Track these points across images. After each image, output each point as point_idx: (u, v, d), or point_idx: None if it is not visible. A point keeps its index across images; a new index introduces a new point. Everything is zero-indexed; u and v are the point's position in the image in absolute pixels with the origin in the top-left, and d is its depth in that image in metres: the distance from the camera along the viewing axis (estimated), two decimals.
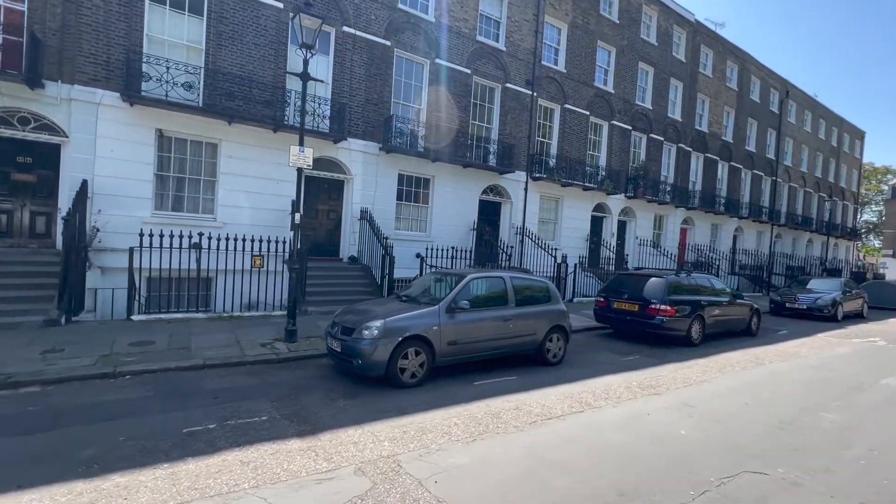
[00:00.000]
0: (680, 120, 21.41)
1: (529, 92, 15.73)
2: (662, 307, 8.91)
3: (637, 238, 19.83)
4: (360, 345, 5.47)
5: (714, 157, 23.47)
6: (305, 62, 7.48)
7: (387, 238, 11.14)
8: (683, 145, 21.70)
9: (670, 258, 19.34)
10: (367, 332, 5.49)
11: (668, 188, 20.67)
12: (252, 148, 10.70)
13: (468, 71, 14.19)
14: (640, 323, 9.18)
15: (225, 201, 10.53)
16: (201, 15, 10.11)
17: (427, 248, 12.49)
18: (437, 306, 5.96)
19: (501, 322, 6.48)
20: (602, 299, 9.99)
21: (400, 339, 5.52)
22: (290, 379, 5.80)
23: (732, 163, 24.67)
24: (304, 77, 7.44)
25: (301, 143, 7.39)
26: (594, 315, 10.24)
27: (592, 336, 10.05)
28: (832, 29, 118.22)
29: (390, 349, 5.44)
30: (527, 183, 15.89)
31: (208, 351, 6.50)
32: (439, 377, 6.05)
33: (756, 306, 11.33)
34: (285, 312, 9.70)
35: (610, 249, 17.76)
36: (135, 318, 8.01)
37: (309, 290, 10.27)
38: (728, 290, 10.86)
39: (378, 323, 5.53)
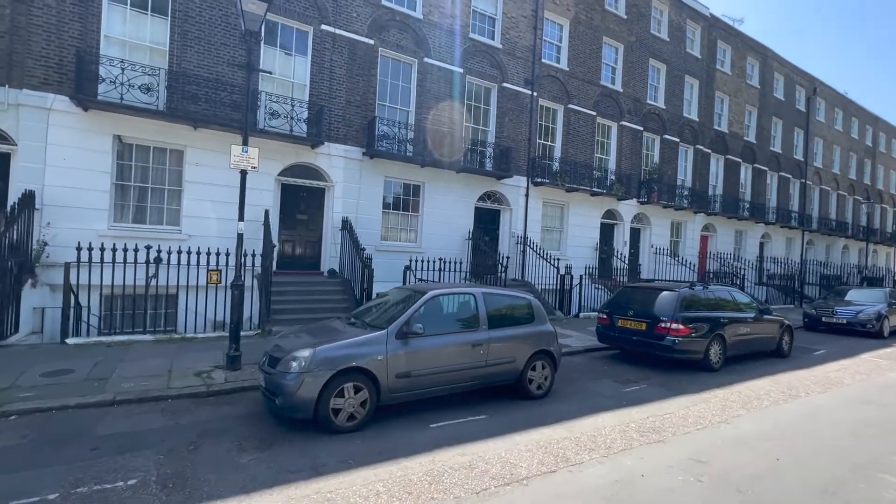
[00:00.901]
0: (697, 120, 20.00)
1: (529, 92, 14.72)
2: (674, 326, 7.63)
3: (652, 246, 18.39)
4: (282, 380, 4.45)
5: (736, 158, 21.88)
6: (249, 51, 6.63)
7: (364, 249, 10.18)
8: (701, 147, 20.23)
9: (690, 268, 17.81)
10: (293, 364, 4.48)
11: (686, 192, 19.21)
12: (221, 154, 9.95)
13: (461, 70, 13.29)
14: (648, 344, 7.90)
15: (191, 212, 9.77)
16: (165, 15, 9.50)
17: (417, 260, 11.49)
18: (384, 331, 4.91)
19: (470, 348, 5.38)
20: (605, 316, 8.75)
21: (334, 372, 4.48)
22: (207, 419, 4.81)
23: (757, 165, 22.99)
24: (249, 68, 6.61)
25: (245, 143, 6.52)
26: (596, 334, 8.99)
27: (595, 359, 8.79)
28: (860, 24, 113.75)
29: (319, 385, 4.41)
30: (527, 189, 14.78)
31: (128, 383, 5.59)
32: (388, 417, 4.98)
33: (787, 322, 9.87)
34: (254, 332, 8.86)
35: (621, 259, 16.41)
36: (70, 341, 7.21)
37: (278, 306, 9.36)
38: (754, 304, 9.46)
39: (306, 353, 4.51)
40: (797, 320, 14.96)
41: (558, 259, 13.71)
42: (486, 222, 14.41)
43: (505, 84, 14.20)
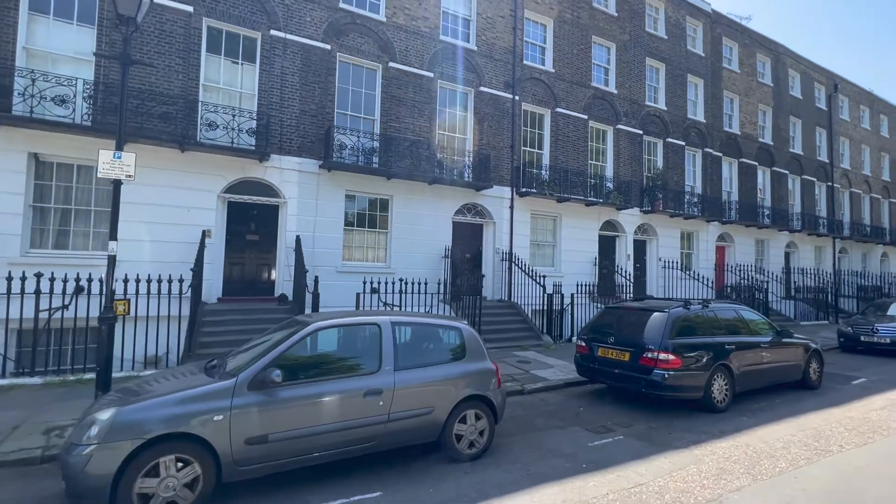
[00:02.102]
0: (704, 121, 18.46)
1: (510, 96, 13.59)
2: (662, 356, 6.10)
3: (660, 260, 16.69)
4: (67, 455, 3.22)
5: (751, 162, 20.11)
6: (126, 40, 5.68)
7: (307, 271, 9.02)
8: (711, 150, 18.61)
9: (705, 283, 16.00)
10: (84, 435, 3.25)
11: (696, 200, 17.54)
12: (155, 171, 9.07)
13: (431, 75, 12.28)
14: (631, 379, 6.37)
15: (120, 235, 8.80)
16: (92, 24, 8.82)
17: (383, 282, 10.27)
18: (232, 380, 3.65)
19: (361, 399, 4.04)
20: (583, 344, 7.26)
21: (142, 441, 3.23)
22: (6, 499, 3.60)
23: (776, 168, 21.12)
24: (124, 59, 5.63)
25: (119, 147, 5.50)
26: (575, 366, 7.48)
27: (572, 396, 7.27)
28: (880, 15, 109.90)
29: (117, 461, 3.15)
30: (512, 200, 13.47)
31: None
32: (240, 497, 3.66)
33: (814, 346, 8.14)
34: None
35: (624, 275, 14.78)
36: None
37: (210, 339, 8.20)
38: (769, 324, 7.81)
39: (105, 416, 3.28)
40: (831, 339, 12.98)
41: (545, 276, 12.23)
42: (467, 238, 13.12)
43: (482, 88, 13.13)
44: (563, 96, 14.66)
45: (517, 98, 13.73)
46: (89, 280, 7.70)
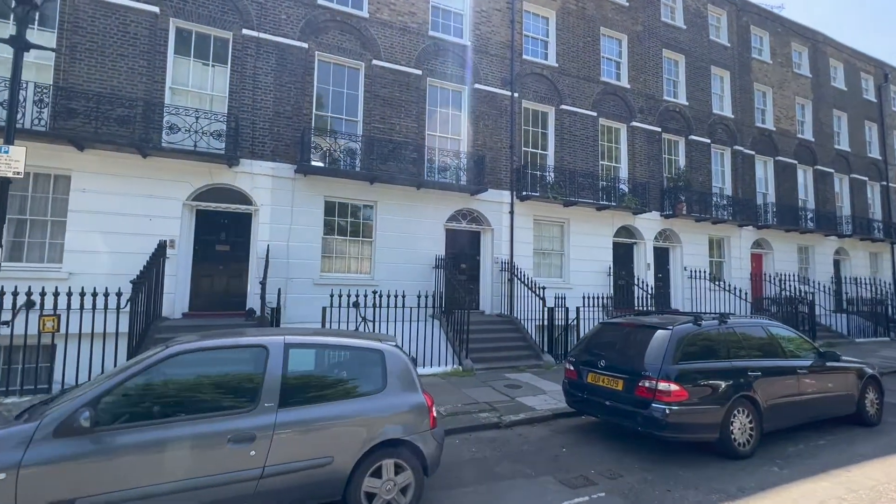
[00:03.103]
0: (731, 117, 16.80)
1: (508, 93, 12.58)
2: (663, 386, 4.81)
3: (685, 269, 15.04)
4: None
5: (789, 160, 18.16)
6: (21, 21, 5.06)
7: (264, 284, 8.19)
8: (741, 147, 16.88)
9: (739, 295, 14.22)
10: None
11: (725, 202, 15.82)
12: (114, 178, 8.57)
13: (418, 72, 11.46)
14: (625, 414, 5.09)
15: (75, 246, 8.32)
16: (52, 28, 8.50)
17: (365, 295, 9.33)
18: (32, 424, 2.75)
19: (224, 447, 3.04)
20: (571, 368, 6.02)
21: None
22: None
23: (818, 167, 19.03)
24: (18, 43, 5.00)
25: (9, 141, 4.84)
26: (563, 393, 6.22)
27: (558, 432, 6.01)
28: None
29: None
30: (512, 204, 12.34)
31: None
32: None
33: (870, 371, 6.54)
34: None
35: (643, 287, 13.26)
36: None
37: None
38: (808, 343, 6.32)
39: None
40: (893, 360, 11.01)
41: (544, 288, 10.95)
42: (462, 247, 12.05)
43: (478, 86, 12.19)
44: (568, 92, 13.52)
45: (516, 95, 12.70)
46: (42, 294, 7.11)
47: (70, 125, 8.08)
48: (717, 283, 14.83)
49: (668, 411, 4.72)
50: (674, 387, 4.77)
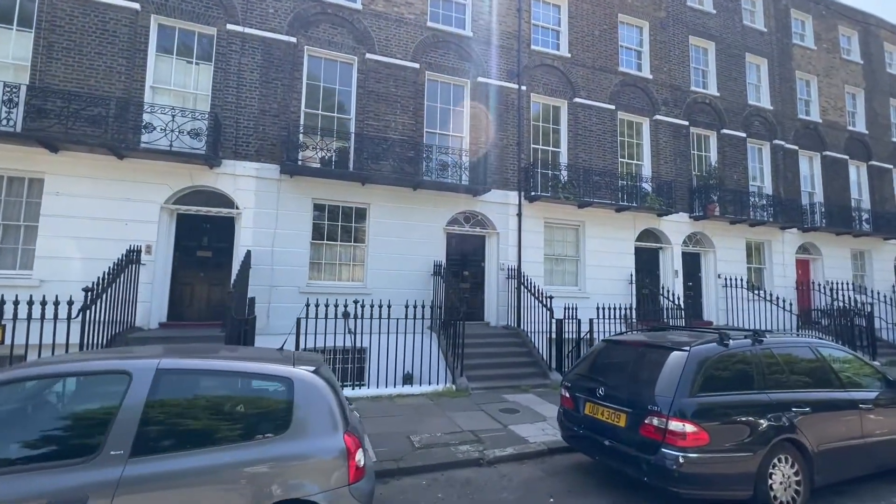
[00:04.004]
0: (770, 108, 15.20)
1: (514, 86, 11.65)
2: (675, 425, 3.71)
3: (720, 276, 13.52)
4: None
5: (839, 155, 16.29)
6: None
7: (232, 291, 7.48)
8: (782, 142, 15.23)
9: (783, 305, 12.59)
10: None
11: (765, 202, 14.21)
12: (88, 181, 8.18)
13: (416, 66, 10.72)
14: (628, 459, 4.00)
15: (47, 252, 7.93)
16: (30, 27, 8.25)
17: (358, 304, 8.52)
18: None
19: None
20: (567, 395, 4.96)
21: None
22: None
23: (874, 162, 17.02)
24: None
25: None
26: (559, 425, 5.16)
27: (553, 471, 4.95)
28: None
29: None
30: (520, 206, 11.33)
31: None
32: None
33: None
34: None
35: (670, 296, 11.89)
36: None
37: None
38: (871, 367, 5.01)
39: None
40: None
41: (552, 297, 9.84)
42: (464, 253, 11.12)
43: (481, 79, 11.32)
44: (582, 84, 12.44)
45: (524, 88, 11.75)
46: (16, 302, 6.66)
47: (42, 126, 7.73)
48: (756, 292, 13.23)
49: (682, 459, 3.62)
50: (690, 427, 3.67)
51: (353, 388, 7.91)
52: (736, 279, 13.34)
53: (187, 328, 8.54)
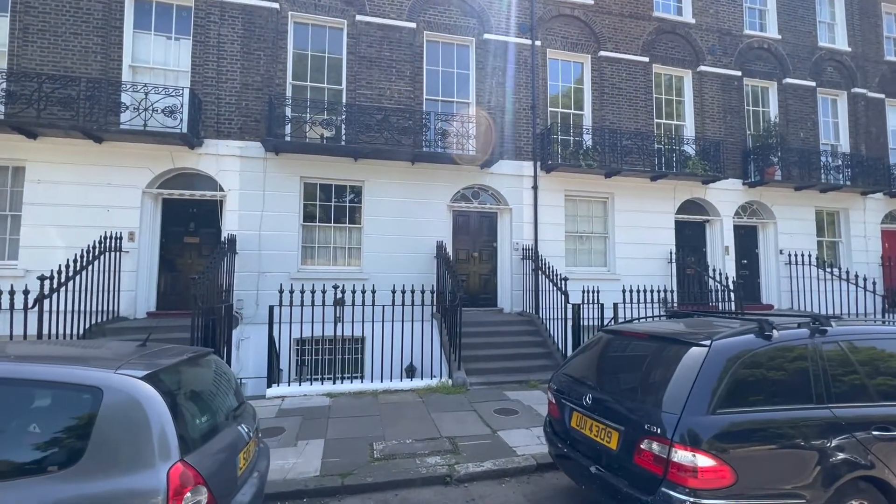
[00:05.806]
0: (847, 50, 12.70)
1: (527, 41, 10.26)
2: (683, 455, 2.52)
3: (781, 252, 11.53)
4: None
5: None
6: None
7: (193, 278, 6.87)
8: (863, 90, 12.71)
9: (864, 286, 10.47)
10: None
11: (840, 163, 11.91)
12: (68, 167, 7.90)
13: (412, 25, 9.63)
14: (618, 497, 2.85)
15: (31, 241, 7.75)
16: (6, 11, 8.01)
17: (355, 290, 7.73)
18: None
19: None
20: (553, 400, 3.85)
21: None
22: None
23: None
24: None
25: None
26: (546, 438, 4.06)
27: (538, 495, 3.89)
28: None
29: None
30: (535, 178, 10.04)
31: None
32: None
33: None
34: None
35: (717, 278, 10.15)
36: None
37: None
38: None
39: None
40: None
41: (566, 280, 8.49)
42: (473, 232, 10.03)
43: (487, 36, 10.04)
44: (609, 35, 10.81)
45: (538, 44, 10.34)
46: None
47: (17, 111, 7.47)
48: (829, 270, 11.12)
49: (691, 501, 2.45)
50: (704, 459, 2.48)
51: (340, 382, 7.15)
52: (803, 255, 11.29)
53: (176, 317, 8.12)
